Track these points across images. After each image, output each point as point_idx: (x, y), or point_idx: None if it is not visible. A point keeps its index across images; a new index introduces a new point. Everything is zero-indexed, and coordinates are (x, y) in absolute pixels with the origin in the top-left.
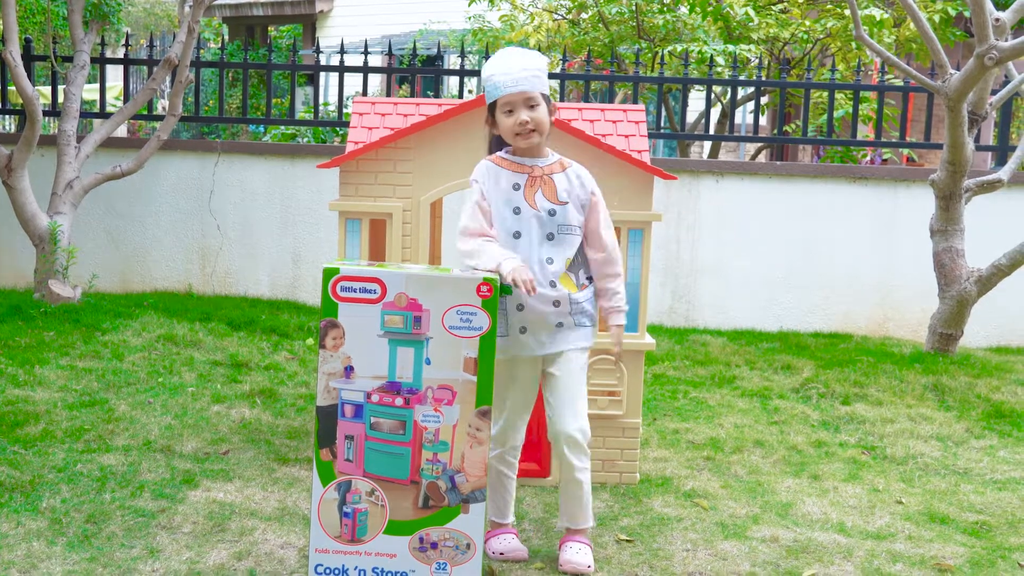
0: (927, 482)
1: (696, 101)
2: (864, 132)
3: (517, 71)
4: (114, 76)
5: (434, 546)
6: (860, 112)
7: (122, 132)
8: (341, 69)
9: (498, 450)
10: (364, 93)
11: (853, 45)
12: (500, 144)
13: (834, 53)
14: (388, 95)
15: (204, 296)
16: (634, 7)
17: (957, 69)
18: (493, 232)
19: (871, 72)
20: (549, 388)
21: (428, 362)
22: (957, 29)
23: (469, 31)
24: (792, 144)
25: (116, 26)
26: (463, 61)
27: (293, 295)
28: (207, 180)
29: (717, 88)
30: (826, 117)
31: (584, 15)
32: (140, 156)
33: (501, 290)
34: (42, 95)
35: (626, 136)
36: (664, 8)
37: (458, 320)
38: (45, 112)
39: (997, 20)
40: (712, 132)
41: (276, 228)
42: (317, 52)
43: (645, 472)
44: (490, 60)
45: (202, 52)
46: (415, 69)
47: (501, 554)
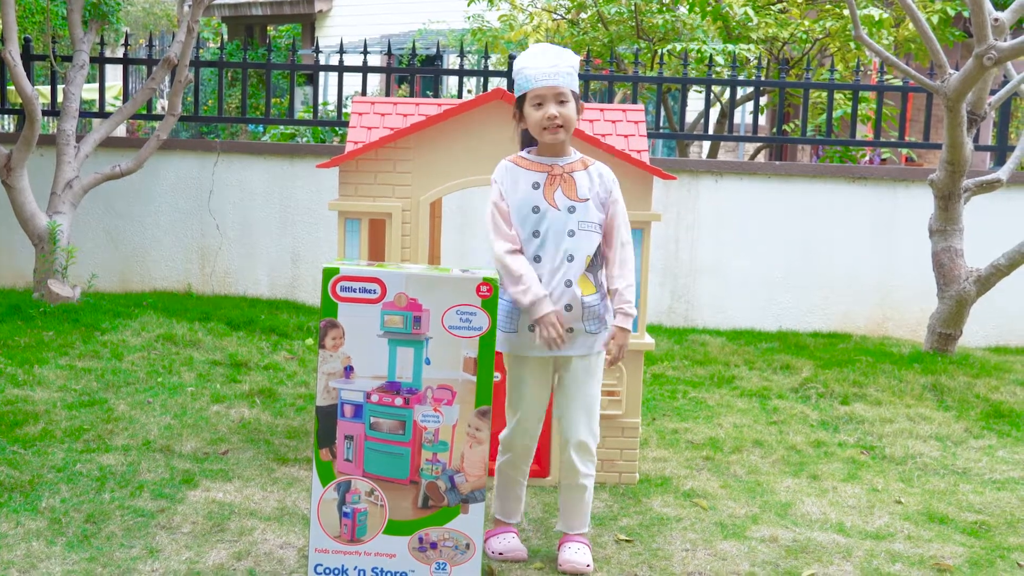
0: (926, 482)
1: (695, 101)
2: (863, 132)
3: (549, 66)
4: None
5: (433, 546)
6: (859, 112)
7: (121, 132)
8: (340, 69)
9: (507, 455)
10: (363, 93)
11: (852, 45)
12: (529, 140)
13: (833, 53)
14: (387, 95)
15: (203, 296)
16: (633, 7)
17: (956, 69)
18: (511, 232)
19: (870, 72)
20: (561, 392)
21: (428, 362)
22: (956, 29)
23: (468, 31)
24: (791, 144)
25: (115, 26)
26: (462, 61)
27: (292, 295)
28: (206, 180)
29: (716, 88)
30: (825, 117)
31: (583, 15)
32: (139, 156)
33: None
34: (41, 95)
35: (625, 136)
36: (663, 8)
37: (458, 320)
38: (44, 112)
39: (996, 20)
40: (711, 132)
41: (275, 228)
42: (316, 52)
43: (644, 472)
44: (523, 53)
45: (201, 52)
46: (414, 69)
47: (500, 554)
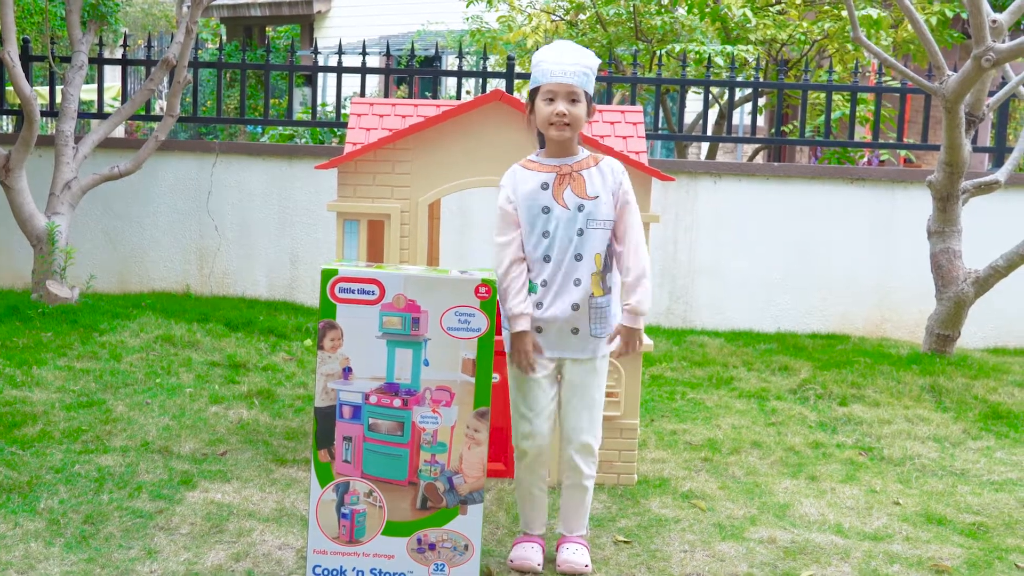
0: (924, 483)
1: (694, 102)
2: (861, 133)
3: (568, 63)
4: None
5: (432, 547)
6: (857, 113)
7: (120, 132)
8: (339, 70)
9: (522, 460)
10: (362, 94)
11: (850, 46)
12: (544, 139)
13: (831, 54)
14: (386, 96)
15: (202, 297)
16: (632, 8)
17: (954, 71)
18: (516, 234)
19: (868, 73)
20: (564, 393)
21: (426, 363)
22: (954, 31)
23: (467, 32)
24: (789, 145)
25: (114, 26)
26: (461, 62)
27: (291, 296)
28: (205, 181)
29: (715, 89)
30: (823, 118)
31: (582, 16)
32: (138, 157)
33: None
34: (40, 95)
35: (624, 137)
36: (662, 9)
37: (456, 321)
38: (43, 112)
39: (994, 22)
40: (710, 133)
41: (274, 229)
42: (315, 53)
43: (643, 473)
44: (545, 47)
45: (200, 53)
46: (413, 70)
47: (511, 561)
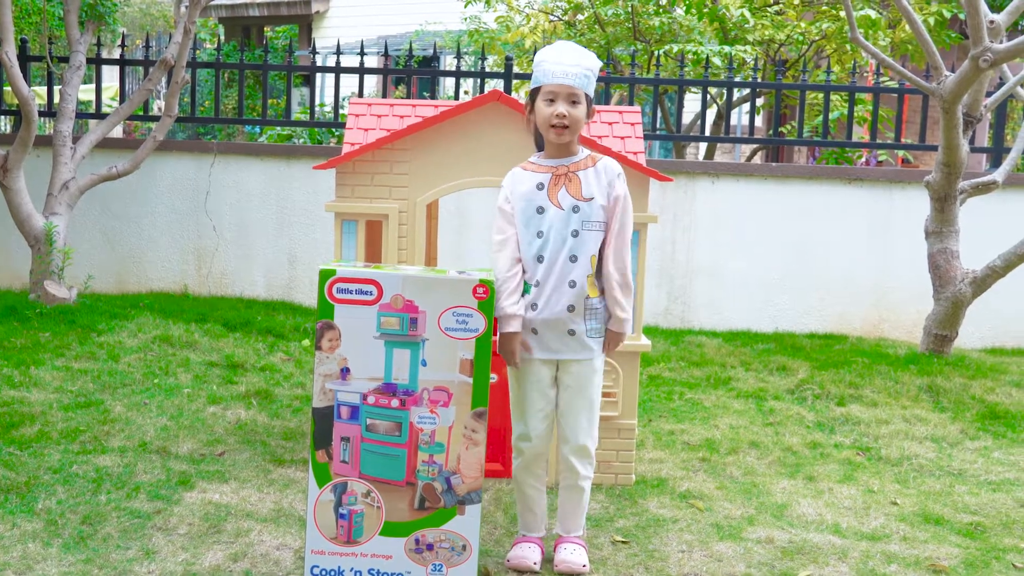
0: (922, 483)
1: (692, 102)
2: (859, 134)
3: (569, 64)
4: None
5: (430, 547)
6: (855, 114)
7: (118, 133)
8: (337, 70)
9: (519, 459)
10: (360, 94)
11: (848, 47)
12: (543, 141)
13: (829, 55)
14: (384, 96)
15: (200, 297)
16: (630, 9)
17: (952, 71)
18: (512, 232)
19: (866, 74)
20: (561, 394)
21: (424, 364)
22: (952, 31)
23: (465, 32)
24: (787, 145)
25: (112, 27)
26: (459, 62)
27: (289, 296)
28: (203, 181)
29: (713, 89)
30: (821, 118)
31: (580, 16)
32: (136, 157)
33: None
34: (38, 96)
35: (622, 138)
36: (660, 10)
37: (454, 322)
38: (41, 113)
39: (992, 22)
40: (708, 133)
41: (272, 229)
42: (313, 53)
43: (641, 473)
44: (546, 48)
45: (198, 53)
46: (411, 70)
47: (508, 561)
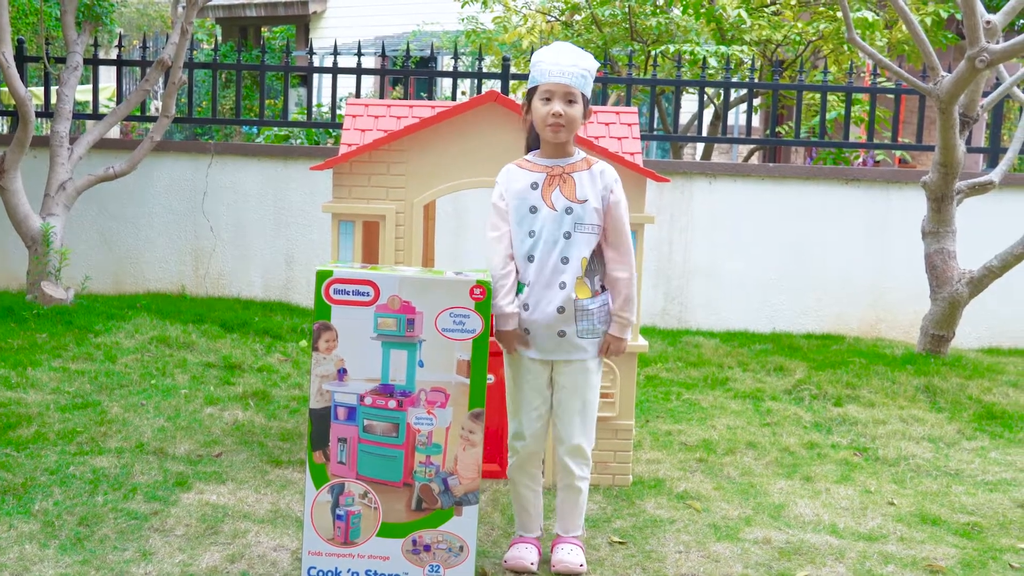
0: (919, 483)
1: (689, 103)
2: (856, 134)
3: (566, 64)
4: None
5: (427, 548)
6: (852, 114)
7: (115, 133)
8: (334, 70)
9: (513, 458)
10: (357, 95)
11: (845, 47)
12: (535, 141)
13: (826, 55)
14: (381, 97)
15: (197, 298)
16: (627, 9)
17: (949, 71)
18: (506, 229)
19: (863, 74)
20: (557, 395)
21: (421, 364)
22: (949, 32)
23: (462, 32)
24: (785, 146)
25: (109, 27)
26: (456, 63)
27: (286, 297)
28: (200, 182)
29: (710, 90)
30: (818, 119)
31: (577, 17)
32: (133, 157)
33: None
34: (35, 96)
35: (619, 138)
36: (657, 10)
37: (451, 322)
38: (38, 113)
39: (988, 23)
40: (705, 134)
41: (269, 230)
42: (310, 53)
43: (638, 474)
44: (543, 48)
45: (195, 53)
46: (409, 71)
47: (505, 561)
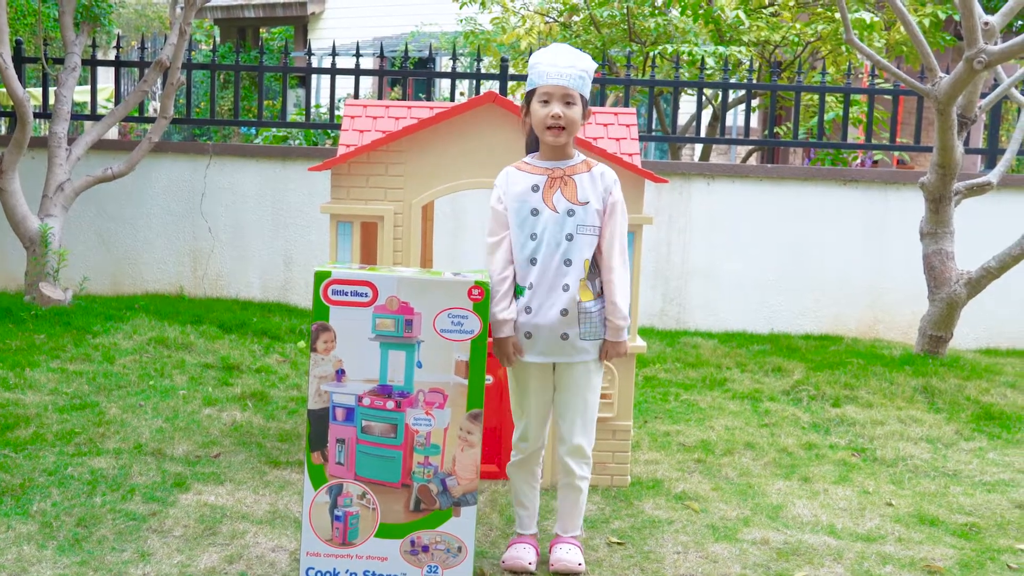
0: (917, 484)
1: (687, 104)
2: (854, 135)
3: (563, 65)
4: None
5: (425, 549)
6: (850, 115)
7: (113, 134)
8: (333, 71)
9: (518, 456)
10: (356, 95)
11: (843, 48)
12: (534, 144)
13: (824, 56)
14: (380, 97)
15: (195, 299)
16: (625, 10)
17: (947, 73)
18: (505, 235)
19: (861, 75)
20: (558, 396)
21: (419, 365)
22: (947, 33)
23: (461, 33)
24: (783, 147)
25: (107, 28)
26: (455, 64)
27: (284, 298)
28: (198, 182)
29: (708, 91)
30: (817, 120)
31: (575, 18)
32: (131, 158)
33: (515, 291)
34: (33, 97)
35: (617, 139)
36: (655, 11)
37: (449, 323)
38: (36, 114)
39: (986, 24)
40: (703, 135)
41: (267, 231)
42: (309, 54)
43: (636, 474)
44: (541, 50)
45: (193, 54)
46: (407, 72)
47: (504, 561)
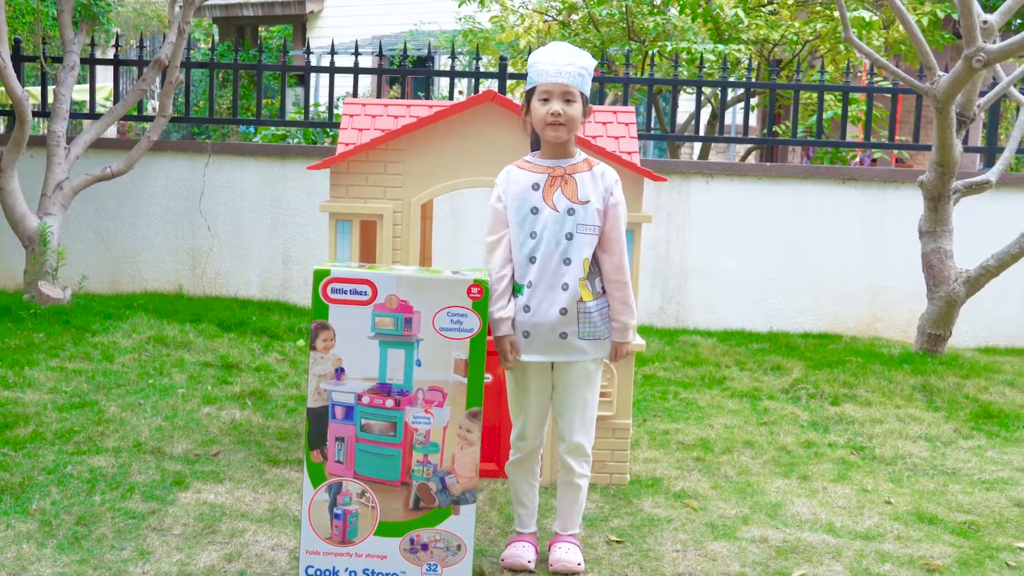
0: (916, 482)
1: (686, 102)
2: (853, 133)
3: (563, 63)
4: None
5: (424, 547)
6: (849, 113)
7: (112, 133)
8: (331, 70)
9: (515, 455)
10: (354, 94)
11: (842, 47)
12: (537, 141)
13: (823, 55)
14: (378, 96)
15: (194, 297)
16: (624, 9)
17: (945, 71)
18: (505, 233)
19: (860, 74)
20: (557, 395)
21: (419, 364)
22: (946, 32)
23: (460, 32)
24: (782, 145)
25: (106, 26)
26: (453, 62)
27: (284, 296)
28: (197, 181)
29: (707, 89)
30: (815, 118)
31: (575, 16)
32: (130, 157)
33: (514, 290)
34: (32, 96)
35: (616, 138)
36: (654, 10)
37: (449, 322)
38: (35, 113)
39: (985, 22)
40: (702, 133)
41: (266, 229)
42: (307, 53)
43: (635, 473)
44: (540, 48)
45: (192, 53)
46: (405, 70)
47: (503, 560)
